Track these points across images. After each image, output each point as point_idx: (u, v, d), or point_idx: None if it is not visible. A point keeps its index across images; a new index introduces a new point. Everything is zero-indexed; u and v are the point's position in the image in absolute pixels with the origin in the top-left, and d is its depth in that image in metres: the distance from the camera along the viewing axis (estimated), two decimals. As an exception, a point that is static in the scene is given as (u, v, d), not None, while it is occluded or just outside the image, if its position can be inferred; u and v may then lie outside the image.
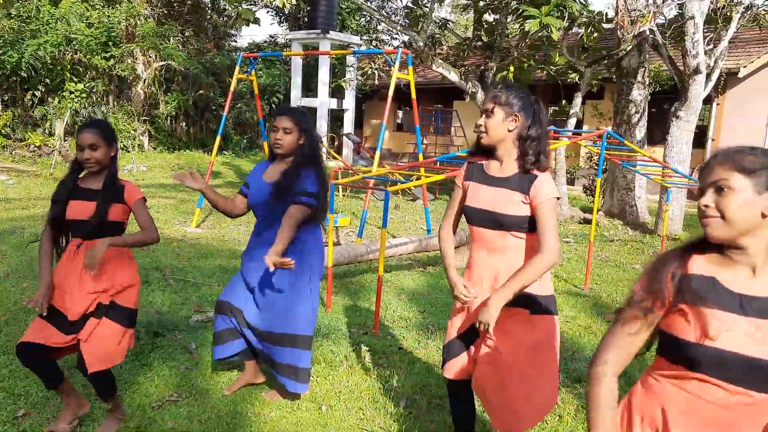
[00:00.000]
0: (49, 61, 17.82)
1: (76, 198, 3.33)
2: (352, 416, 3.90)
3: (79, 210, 3.30)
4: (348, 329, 5.43)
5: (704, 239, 1.83)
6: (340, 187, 14.01)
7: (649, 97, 17.45)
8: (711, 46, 12.79)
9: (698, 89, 11.79)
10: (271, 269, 3.37)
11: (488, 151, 3.10)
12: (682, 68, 12.03)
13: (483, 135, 3.03)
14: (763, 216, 1.73)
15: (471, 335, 3.11)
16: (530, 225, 2.94)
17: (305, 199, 3.71)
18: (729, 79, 17.14)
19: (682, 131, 11.99)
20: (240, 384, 4.15)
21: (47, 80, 18.40)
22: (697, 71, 11.67)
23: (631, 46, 12.81)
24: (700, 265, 1.83)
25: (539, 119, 3.02)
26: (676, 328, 1.80)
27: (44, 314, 3.23)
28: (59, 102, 18.19)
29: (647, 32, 12.18)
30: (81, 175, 3.44)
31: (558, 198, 2.93)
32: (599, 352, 1.92)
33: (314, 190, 3.75)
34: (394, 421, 3.84)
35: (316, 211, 3.83)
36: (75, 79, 18.70)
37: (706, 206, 1.77)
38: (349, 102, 21.67)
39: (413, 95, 8.95)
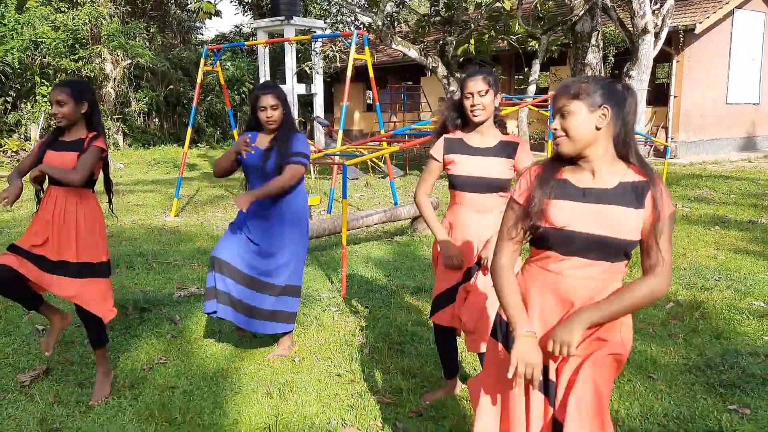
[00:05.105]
0: (18, 67, 18.05)
1: (54, 149, 3.82)
2: (321, 364, 4.41)
3: (55, 160, 3.78)
4: (318, 295, 5.93)
5: (559, 155, 2.38)
6: (311, 168, 14.46)
7: (613, 60, 17.99)
8: (658, 6, 13.29)
9: (647, 49, 12.31)
10: (242, 209, 3.95)
11: (465, 125, 3.67)
12: (631, 29, 12.55)
13: (480, 113, 3.51)
14: (597, 129, 2.26)
15: (455, 289, 3.61)
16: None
17: (300, 159, 4.26)
18: (687, 36, 17.58)
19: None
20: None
21: (17, 86, 18.65)
22: (645, 31, 12.19)
23: (582, 11, 13.30)
24: (557, 171, 2.39)
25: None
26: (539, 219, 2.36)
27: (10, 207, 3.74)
28: (32, 106, 18.46)
29: (596, -3, 12.67)
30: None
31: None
32: (495, 256, 2.48)
33: (306, 151, 4.32)
34: (358, 365, 4.35)
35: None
36: (45, 83, 18.96)
37: (555, 129, 2.30)
38: (318, 86, 22.02)
39: (371, 74, 9.38)
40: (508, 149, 3.53)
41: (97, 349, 4.00)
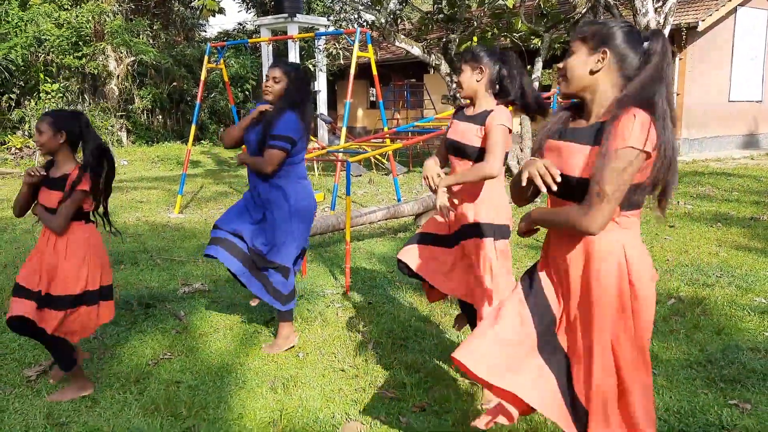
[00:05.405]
0: (22, 64, 18.10)
1: (45, 184, 3.84)
2: (325, 359, 4.45)
3: (44, 197, 3.82)
4: (322, 291, 5.96)
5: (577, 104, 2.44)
6: (315, 165, 14.51)
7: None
8: (660, 3, 13.25)
9: (650, 46, 12.28)
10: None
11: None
12: (634, 27, 12.55)
13: (459, 89, 3.71)
14: (591, 73, 2.27)
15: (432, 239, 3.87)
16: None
17: (276, 143, 4.21)
18: (689, 34, 17.55)
19: (637, 88, 12.47)
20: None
21: (21, 83, 18.70)
22: (647, 29, 12.16)
23: (585, 9, 13.29)
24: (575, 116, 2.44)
25: (507, 64, 3.69)
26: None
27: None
28: (36, 103, 18.51)
29: (599, -6, 12.65)
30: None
31: (510, 130, 3.55)
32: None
33: (289, 134, 4.23)
34: (362, 361, 4.39)
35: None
36: (49, 80, 19.00)
37: (558, 68, 2.35)
38: (321, 83, 22.02)
39: (374, 72, 9.41)
40: (483, 117, 3.61)
41: (66, 372, 3.93)
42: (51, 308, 3.77)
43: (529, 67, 17.46)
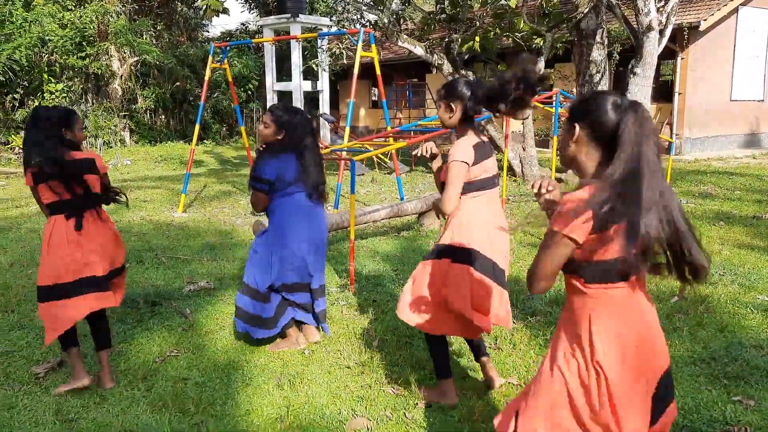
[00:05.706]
0: (26, 64, 18.14)
1: None
2: (331, 355, 4.48)
3: None
4: (327, 289, 5.98)
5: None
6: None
7: (618, 57, 17.99)
8: (662, 3, 13.26)
9: (652, 46, 12.29)
10: None
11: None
12: (635, 26, 12.56)
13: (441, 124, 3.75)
14: (567, 148, 2.26)
15: None
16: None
17: (252, 183, 4.38)
18: (691, 33, 17.54)
19: (639, 87, 12.51)
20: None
21: (25, 83, 18.74)
22: (649, 28, 12.18)
23: (587, 9, 13.30)
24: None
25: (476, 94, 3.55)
26: None
27: None
28: (39, 104, 18.55)
29: (601, -7, 12.67)
30: None
31: (465, 162, 3.47)
32: None
33: (260, 175, 4.32)
34: (367, 358, 4.42)
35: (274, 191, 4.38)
36: (53, 80, 19.04)
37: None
38: (324, 83, 22.03)
39: (378, 71, 9.44)
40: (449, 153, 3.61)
41: (62, 350, 4.07)
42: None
43: (531, 66, 17.39)
